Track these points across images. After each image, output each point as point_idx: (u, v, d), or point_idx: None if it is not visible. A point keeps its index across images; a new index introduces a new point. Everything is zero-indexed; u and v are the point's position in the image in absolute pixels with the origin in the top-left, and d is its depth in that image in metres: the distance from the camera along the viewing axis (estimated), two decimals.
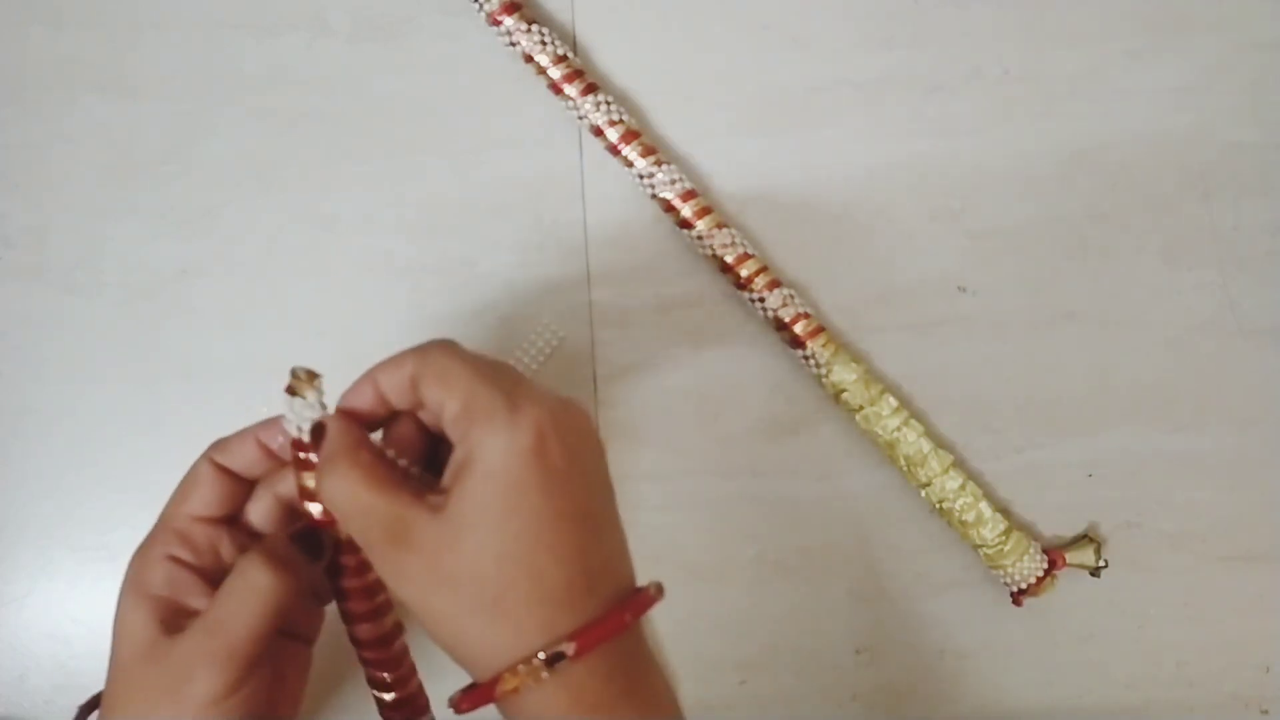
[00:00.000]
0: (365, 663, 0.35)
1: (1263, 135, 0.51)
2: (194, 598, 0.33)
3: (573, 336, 0.49)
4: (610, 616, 0.30)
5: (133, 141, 0.49)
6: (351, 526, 0.31)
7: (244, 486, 0.35)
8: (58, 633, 0.47)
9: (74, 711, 0.36)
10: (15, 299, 0.48)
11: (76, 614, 0.47)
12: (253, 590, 0.31)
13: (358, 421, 0.33)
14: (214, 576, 0.34)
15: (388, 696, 0.36)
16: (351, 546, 0.34)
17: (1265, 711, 0.50)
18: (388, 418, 0.33)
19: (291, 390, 0.33)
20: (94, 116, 0.49)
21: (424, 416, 0.33)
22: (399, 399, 0.32)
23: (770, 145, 0.50)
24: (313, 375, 0.33)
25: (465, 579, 0.29)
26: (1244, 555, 0.51)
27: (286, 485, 0.35)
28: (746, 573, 0.49)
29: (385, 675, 0.35)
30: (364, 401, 0.33)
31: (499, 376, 0.31)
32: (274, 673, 0.34)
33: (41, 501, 0.47)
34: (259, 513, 0.36)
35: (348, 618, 0.35)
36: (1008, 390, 0.50)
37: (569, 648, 0.29)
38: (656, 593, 0.32)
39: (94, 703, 0.36)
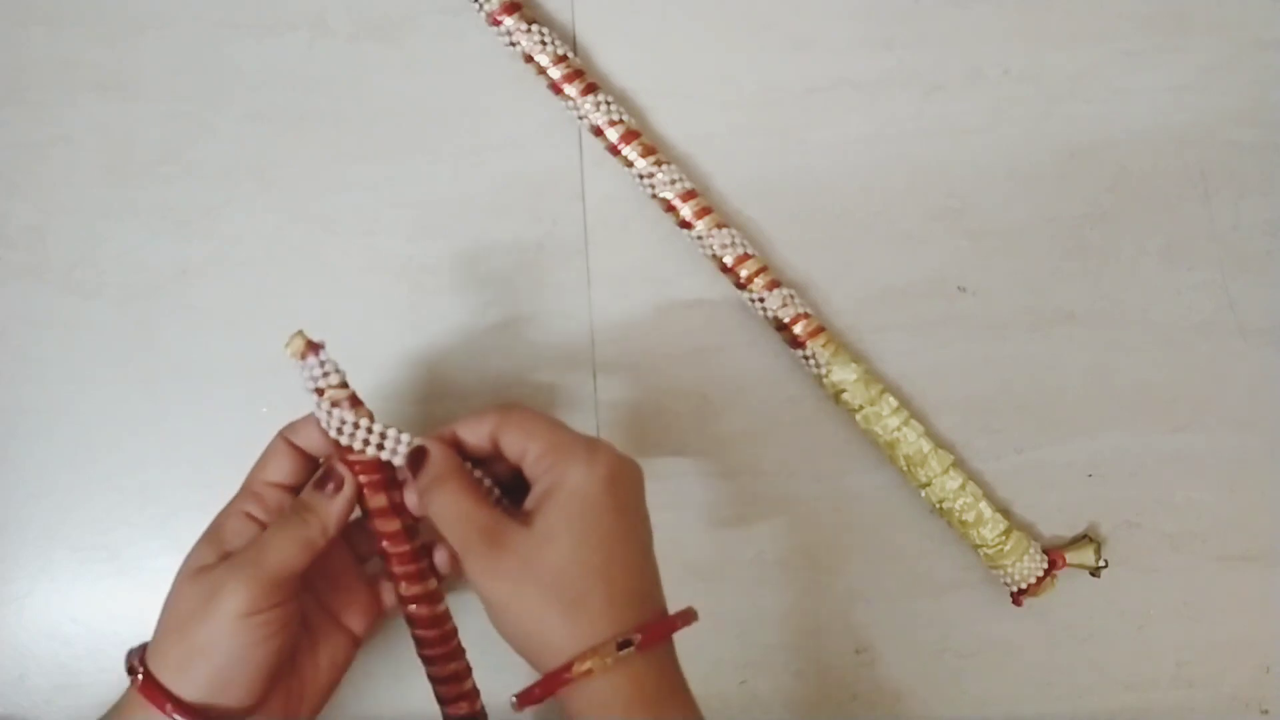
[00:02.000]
0: (419, 643, 0.40)
1: (1263, 135, 0.51)
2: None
3: (573, 336, 0.49)
4: (665, 620, 0.37)
5: (133, 141, 0.49)
6: (453, 533, 0.37)
7: (311, 461, 0.40)
8: (58, 633, 0.47)
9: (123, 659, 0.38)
10: (15, 299, 0.48)
11: (76, 614, 0.47)
12: (288, 527, 0.37)
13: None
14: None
15: (438, 673, 0.40)
16: (390, 509, 0.38)
17: (1265, 711, 0.50)
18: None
19: (299, 354, 0.37)
20: (94, 116, 0.49)
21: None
22: (474, 446, 0.39)
23: (770, 145, 0.50)
24: (299, 340, 0.37)
25: (551, 579, 0.35)
26: (1244, 555, 0.51)
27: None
28: (746, 573, 0.49)
29: (436, 653, 0.39)
30: (445, 441, 0.39)
31: (570, 429, 0.39)
32: (309, 638, 0.40)
33: (41, 501, 0.47)
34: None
35: (402, 599, 0.39)
36: (1008, 390, 0.50)
37: (636, 638, 0.35)
38: (693, 613, 0.38)
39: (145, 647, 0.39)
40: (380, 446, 0.37)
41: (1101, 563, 0.49)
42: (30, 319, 0.48)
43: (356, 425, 0.37)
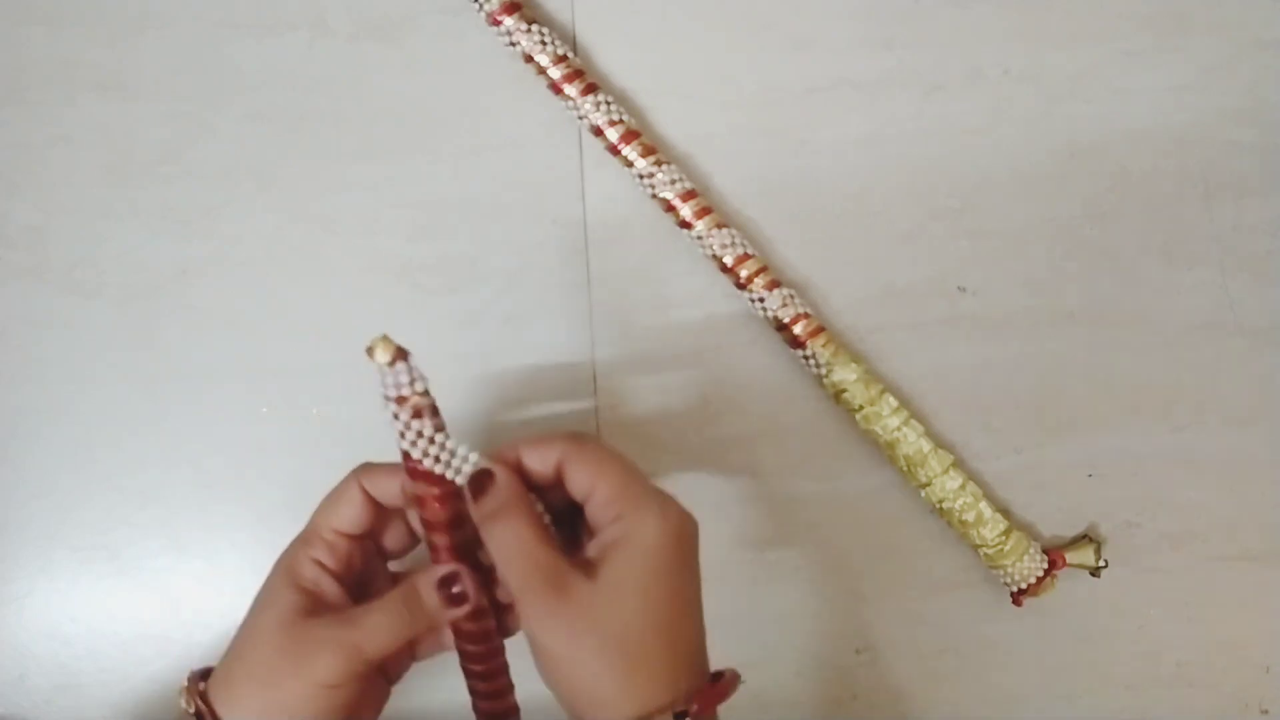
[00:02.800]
0: (470, 675, 0.38)
1: (1262, 135, 0.51)
2: (331, 595, 0.38)
3: (573, 336, 0.49)
4: (717, 687, 0.36)
5: (133, 141, 0.49)
6: (512, 570, 0.35)
7: (384, 512, 0.39)
8: (58, 633, 0.47)
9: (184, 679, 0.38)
10: (15, 299, 0.48)
11: (76, 614, 0.47)
12: (399, 610, 0.36)
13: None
14: (346, 579, 0.38)
15: (483, 688, 0.39)
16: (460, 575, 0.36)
17: (1265, 711, 0.51)
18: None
19: (380, 356, 0.34)
20: (94, 116, 0.49)
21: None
22: (536, 473, 0.37)
23: (770, 145, 0.50)
24: (386, 345, 0.34)
25: (613, 636, 0.34)
26: (1244, 555, 0.51)
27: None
28: (746, 573, 0.49)
29: (482, 669, 0.38)
30: (508, 464, 0.37)
31: (640, 473, 0.37)
32: (360, 694, 0.38)
33: (41, 501, 0.47)
34: (394, 538, 0.40)
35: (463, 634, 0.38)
36: (1008, 390, 0.50)
37: (693, 708, 0.34)
38: (738, 677, 0.37)
39: (206, 673, 0.38)
40: (448, 464, 0.35)
41: (1101, 563, 0.49)
42: (30, 319, 0.48)
43: (431, 439, 0.35)
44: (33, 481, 0.48)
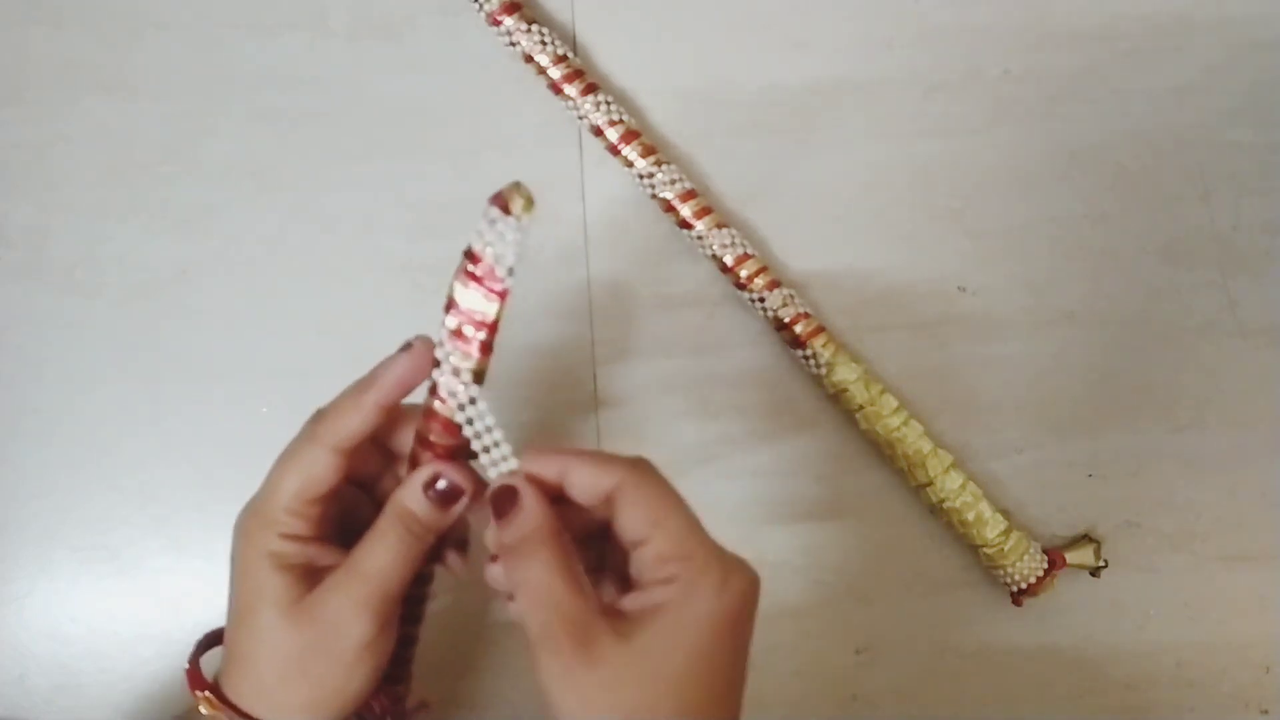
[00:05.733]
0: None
1: (1262, 135, 0.51)
2: (322, 557, 0.34)
3: (573, 336, 0.49)
4: None
5: (133, 141, 0.49)
6: (533, 614, 0.31)
7: (355, 456, 0.34)
8: (58, 633, 0.47)
9: (190, 649, 0.35)
10: (15, 299, 0.48)
11: (76, 614, 0.47)
12: (398, 533, 0.33)
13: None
14: (330, 531, 0.34)
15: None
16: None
17: (1265, 711, 0.50)
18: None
19: (503, 204, 0.30)
20: (94, 116, 0.49)
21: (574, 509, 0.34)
22: (580, 494, 0.33)
23: (770, 145, 0.50)
24: (531, 200, 0.30)
25: (640, 710, 0.30)
26: (1244, 555, 0.51)
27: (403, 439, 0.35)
28: None
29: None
30: (547, 476, 0.33)
31: (703, 528, 0.33)
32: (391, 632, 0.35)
33: (41, 501, 0.47)
34: (371, 464, 0.36)
35: None
36: (1008, 390, 0.50)
37: None
38: None
39: (212, 639, 0.36)
40: (479, 439, 0.32)
41: (1101, 563, 0.49)
42: (30, 319, 0.48)
43: (473, 400, 0.31)
44: (33, 481, 0.47)
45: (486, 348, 0.31)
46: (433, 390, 0.32)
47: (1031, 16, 0.51)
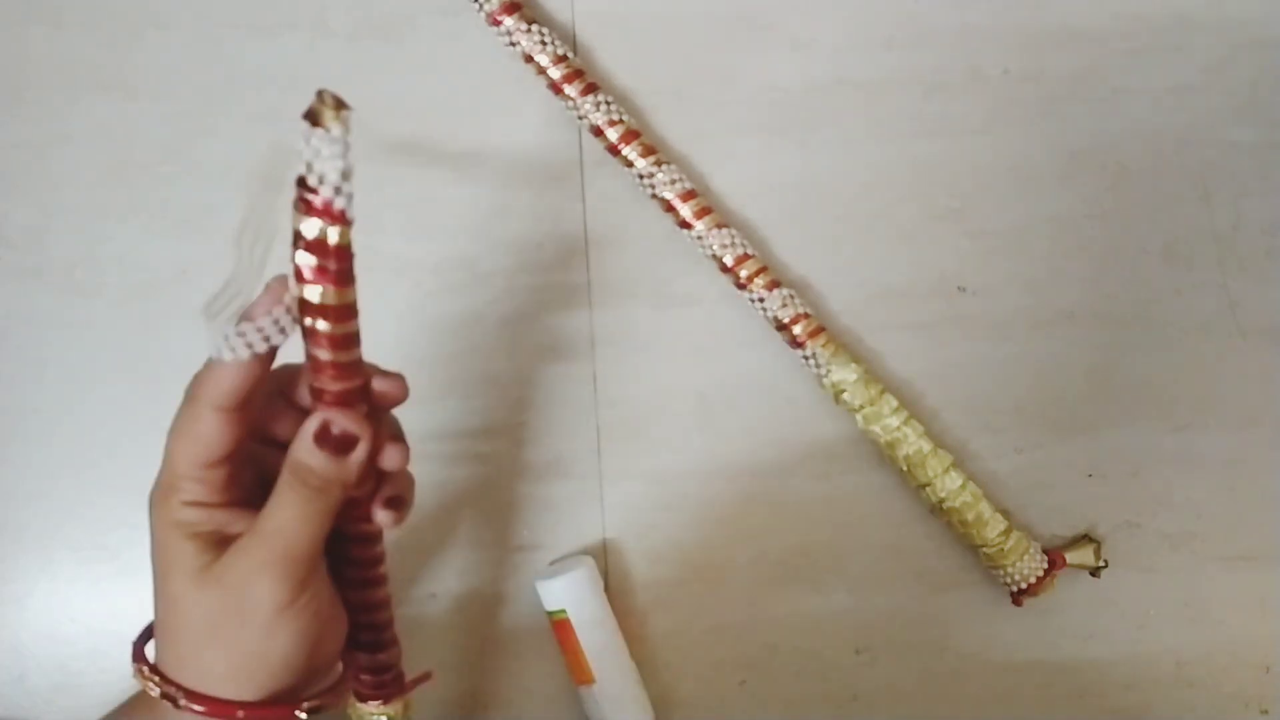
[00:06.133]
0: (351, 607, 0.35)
1: (1262, 135, 0.51)
2: (232, 523, 0.33)
3: (573, 336, 0.49)
4: None
5: (133, 141, 0.49)
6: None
7: (250, 413, 0.33)
8: (58, 633, 0.47)
9: (129, 649, 0.35)
10: (15, 299, 0.48)
11: (76, 614, 0.47)
12: (300, 492, 0.31)
13: None
14: (239, 493, 0.33)
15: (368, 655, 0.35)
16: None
17: (1265, 711, 0.50)
18: None
19: (313, 118, 0.28)
20: (94, 116, 0.48)
21: None
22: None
23: (770, 145, 0.50)
24: (341, 104, 0.28)
25: None
26: (1244, 555, 0.51)
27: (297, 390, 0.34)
28: (746, 573, 0.49)
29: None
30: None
31: None
32: (324, 591, 0.34)
33: (41, 501, 0.47)
34: (285, 427, 0.35)
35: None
36: (1008, 390, 0.50)
37: None
38: None
39: (148, 633, 0.35)
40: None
41: (1101, 563, 0.49)
42: (30, 319, 0.48)
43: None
44: (33, 482, 0.47)
45: (339, 277, 0.29)
46: (305, 335, 0.30)
47: (1031, 16, 0.51)
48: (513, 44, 0.47)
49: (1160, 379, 0.51)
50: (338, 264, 0.29)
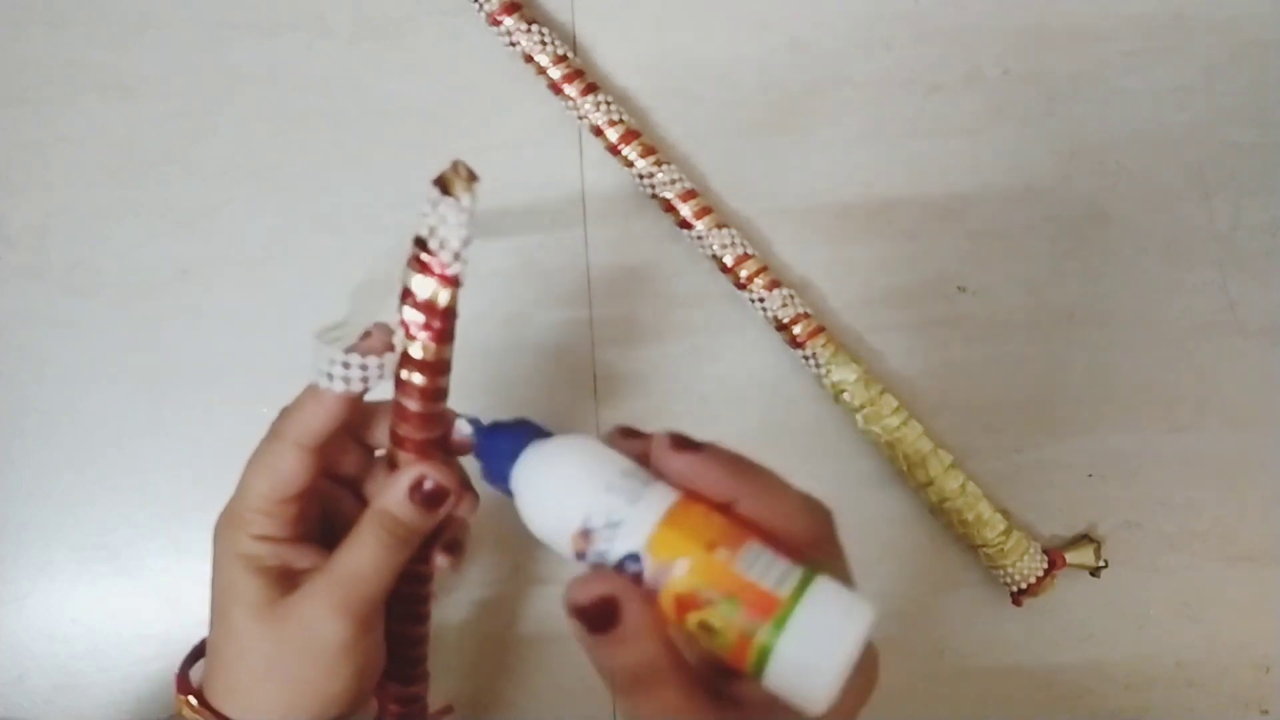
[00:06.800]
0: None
1: (1262, 135, 0.51)
2: (299, 559, 0.33)
3: (573, 337, 0.49)
4: None
5: (133, 141, 0.49)
6: None
7: (327, 451, 0.34)
8: (58, 633, 0.47)
9: (177, 666, 0.35)
10: (15, 299, 0.48)
11: (76, 614, 0.47)
12: (379, 537, 0.32)
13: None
14: (307, 531, 0.34)
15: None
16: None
17: (1265, 711, 0.50)
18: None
19: (444, 185, 0.29)
20: (94, 116, 0.49)
21: None
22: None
23: (770, 145, 0.50)
24: (473, 176, 0.29)
25: None
26: (1244, 555, 0.51)
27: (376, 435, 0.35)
28: None
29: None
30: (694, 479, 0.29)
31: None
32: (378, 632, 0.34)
33: (41, 501, 0.47)
34: (348, 463, 0.36)
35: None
36: (1008, 390, 0.50)
37: None
38: None
39: (198, 652, 0.36)
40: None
41: (1101, 563, 0.49)
42: (30, 319, 0.48)
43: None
44: (33, 481, 0.47)
45: (441, 335, 0.30)
46: (398, 384, 0.31)
47: (1031, 16, 0.51)
48: (513, 44, 0.47)
49: (1160, 379, 0.51)
50: (443, 323, 0.31)
